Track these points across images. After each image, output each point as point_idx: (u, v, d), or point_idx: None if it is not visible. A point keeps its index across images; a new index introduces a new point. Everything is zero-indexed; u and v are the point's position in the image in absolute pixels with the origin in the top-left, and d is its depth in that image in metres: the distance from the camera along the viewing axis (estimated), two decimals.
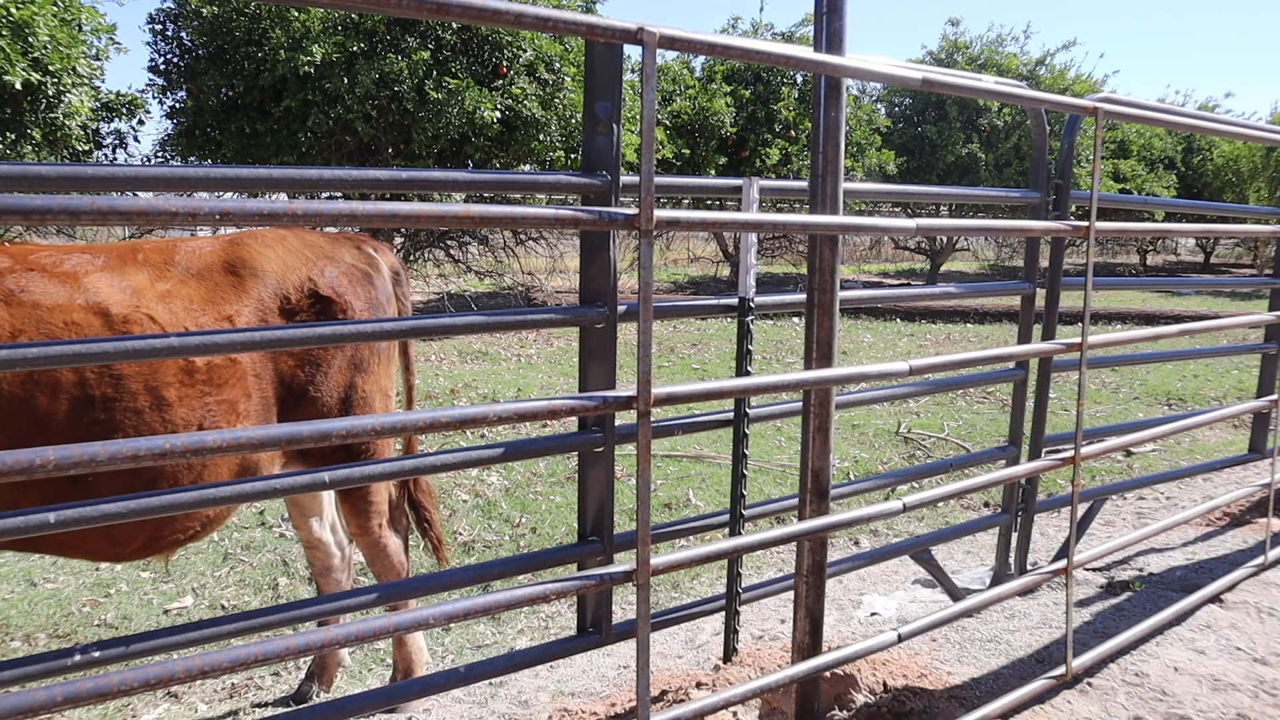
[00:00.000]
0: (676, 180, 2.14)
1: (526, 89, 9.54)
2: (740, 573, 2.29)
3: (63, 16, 7.97)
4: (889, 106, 16.79)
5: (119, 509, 1.42)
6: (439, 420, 1.43)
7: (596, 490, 1.91)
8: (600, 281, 1.79)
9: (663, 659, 2.85)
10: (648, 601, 1.52)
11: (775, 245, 17.97)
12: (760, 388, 1.70)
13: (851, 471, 5.36)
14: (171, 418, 2.24)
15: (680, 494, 4.86)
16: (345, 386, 2.59)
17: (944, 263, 19.47)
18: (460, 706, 2.64)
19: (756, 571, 3.84)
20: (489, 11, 1.25)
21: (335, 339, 1.55)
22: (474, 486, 4.89)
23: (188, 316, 2.30)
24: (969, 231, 2.11)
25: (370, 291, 2.67)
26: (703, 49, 1.46)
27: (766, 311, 2.23)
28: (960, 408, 7.10)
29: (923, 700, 2.26)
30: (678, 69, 13.76)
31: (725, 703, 1.73)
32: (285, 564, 3.95)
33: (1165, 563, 3.37)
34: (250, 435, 1.29)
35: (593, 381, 1.87)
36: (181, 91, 9.97)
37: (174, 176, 1.44)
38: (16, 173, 1.28)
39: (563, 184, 1.73)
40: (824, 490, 1.94)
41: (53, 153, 8.62)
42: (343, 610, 1.76)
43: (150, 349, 1.40)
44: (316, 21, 9.10)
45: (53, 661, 1.45)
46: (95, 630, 3.35)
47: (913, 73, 1.76)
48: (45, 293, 2.15)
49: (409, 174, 1.61)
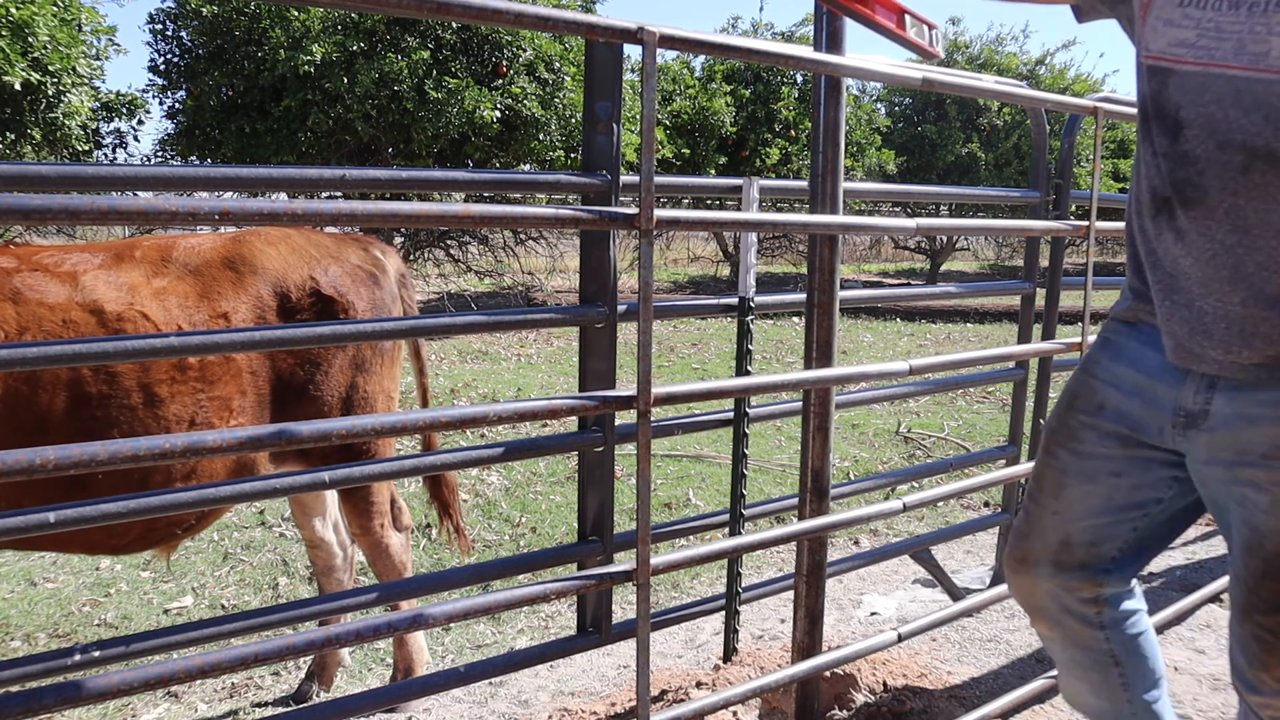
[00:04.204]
0: (676, 180, 2.14)
1: (526, 88, 9.54)
2: (740, 572, 2.29)
3: (63, 16, 7.97)
4: (889, 106, 16.78)
5: (119, 508, 1.42)
6: (439, 420, 1.44)
7: (596, 490, 1.91)
8: (600, 281, 1.78)
9: (663, 659, 2.85)
10: (648, 601, 1.52)
11: (775, 245, 17.97)
12: (760, 387, 1.70)
13: (851, 471, 5.36)
14: (164, 414, 2.24)
15: (680, 494, 4.86)
16: (346, 386, 2.59)
17: (944, 262, 19.48)
18: (460, 706, 2.64)
19: (756, 571, 3.84)
20: (489, 11, 1.25)
21: (335, 339, 1.55)
22: (474, 486, 4.89)
23: (181, 313, 2.30)
24: (969, 231, 2.12)
25: (374, 292, 2.67)
26: (703, 49, 1.46)
27: (766, 311, 2.23)
28: (960, 408, 7.10)
29: (923, 700, 2.26)
30: (678, 69, 13.76)
31: (725, 702, 1.73)
32: (285, 564, 3.95)
33: (1165, 562, 3.38)
34: (251, 435, 1.30)
35: (592, 381, 1.87)
36: (181, 91, 9.97)
37: (174, 176, 1.44)
38: (16, 173, 1.28)
39: (563, 183, 1.73)
40: (824, 490, 1.94)
41: (53, 153, 8.62)
42: (343, 610, 1.76)
43: (150, 349, 1.40)
44: (316, 21, 9.11)
45: (53, 661, 1.45)
46: (95, 630, 3.35)
47: (913, 72, 1.76)
48: (46, 291, 2.16)
49: (409, 174, 1.61)
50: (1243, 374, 1.27)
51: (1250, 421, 1.27)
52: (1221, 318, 1.26)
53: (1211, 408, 1.31)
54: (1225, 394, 1.29)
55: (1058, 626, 1.54)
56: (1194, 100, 1.23)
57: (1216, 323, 1.27)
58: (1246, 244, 1.22)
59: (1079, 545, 1.48)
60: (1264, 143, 1.17)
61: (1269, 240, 1.20)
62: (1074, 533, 1.48)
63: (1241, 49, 1.18)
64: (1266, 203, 1.19)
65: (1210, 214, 1.24)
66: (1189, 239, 1.27)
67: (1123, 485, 1.45)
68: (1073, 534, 1.48)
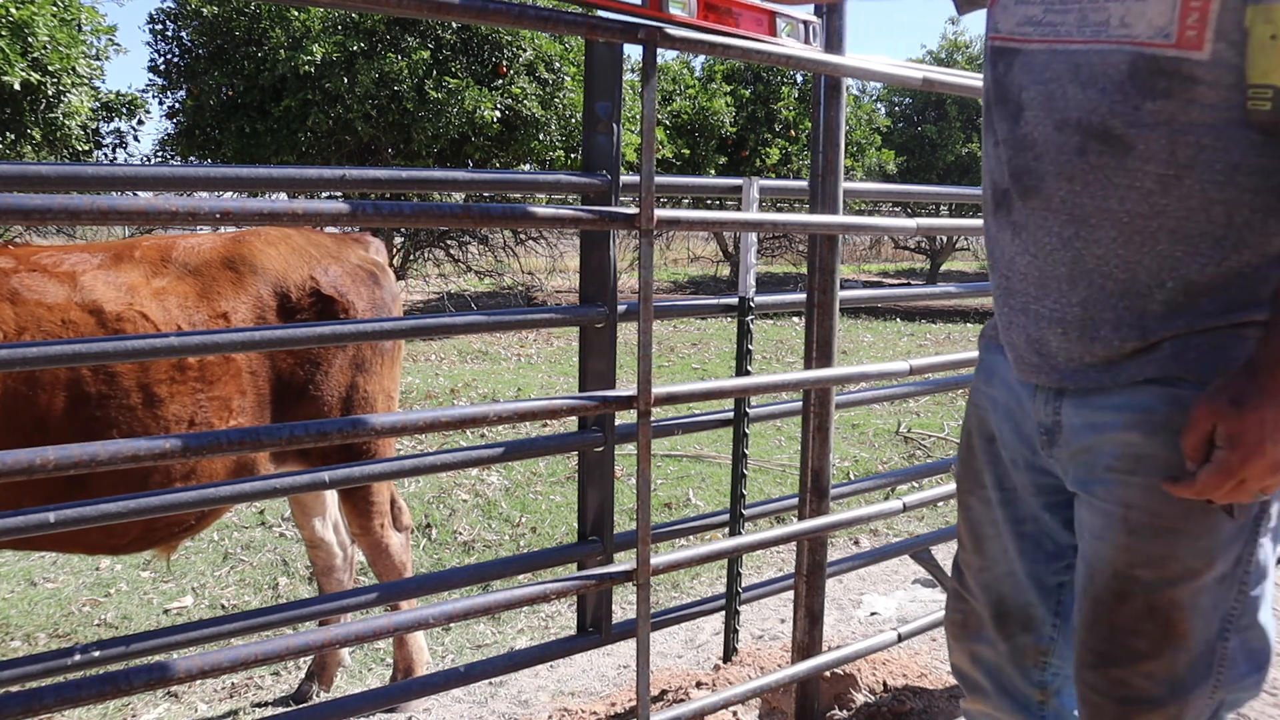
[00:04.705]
0: (676, 180, 2.14)
1: (526, 88, 9.53)
2: (740, 572, 2.29)
3: (62, 16, 7.97)
4: (889, 106, 16.78)
5: (118, 509, 1.42)
6: (439, 420, 1.44)
7: (596, 490, 1.91)
8: (600, 281, 1.78)
9: (663, 659, 2.85)
10: (648, 601, 1.53)
11: (775, 245, 17.97)
12: (760, 387, 1.70)
13: (851, 471, 5.36)
14: (163, 414, 2.23)
15: (680, 494, 4.86)
16: (346, 386, 2.59)
17: (944, 262, 19.48)
18: (460, 706, 2.64)
19: (756, 571, 3.84)
20: (489, 11, 1.25)
21: (335, 338, 1.55)
22: (474, 486, 4.89)
23: (181, 313, 2.30)
24: (969, 231, 2.12)
25: (375, 292, 2.67)
26: (703, 48, 1.46)
27: (766, 311, 2.23)
28: (960, 407, 7.10)
29: (923, 700, 2.26)
30: (678, 69, 13.76)
31: (725, 702, 1.73)
32: (285, 564, 3.95)
33: None
34: (251, 435, 1.30)
35: (593, 381, 1.87)
36: (181, 91, 9.97)
37: (174, 176, 1.44)
38: (16, 173, 1.28)
39: (563, 184, 1.73)
40: (824, 490, 1.94)
41: (53, 153, 8.62)
42: (343, 610, 1.76)
43: (150, 349, 1.40)
44: (316, 21, 9.11)
45: (53, 661, 1.45)
46: (95, 630, 3.35)
47: (913, 72, 1.76)
48: (45, 292, 2.15)
49: (409, 174, 1.61)
50: (1087, 380, 1.13)
51: (1098, 430, 1.12)
52: (1059, 322, 1.13)
53: (1062, 418, 1.16)
54: (1073, 402, 1.15)
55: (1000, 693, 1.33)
56: (1036, 79, 1.12)
57: (1053, 328, 1.14)
58: (1084, 235, 1.09)
59: (1015, 605, 1.28)
60: (1099, 119, 1.06)
61: (1107, 230, 1.08)
62: (1005, 591, 1.29)
63: (1084, 21, 1.08)
64: (1103, 188, 1.07)
65: (1047, 204, 1.12)
66: (1025, 234, 1.15)
67: (1030, 530, 1.27)
68: (1005, 593, 1.29)
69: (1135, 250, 1.07)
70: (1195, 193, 1.03)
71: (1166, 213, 1.05)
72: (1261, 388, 0.97)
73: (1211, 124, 1.02)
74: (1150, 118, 1.03)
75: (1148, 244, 1.06)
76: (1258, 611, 1.11)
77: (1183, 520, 1.05)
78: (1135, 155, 1.05)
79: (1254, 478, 0.98)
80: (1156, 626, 1.07)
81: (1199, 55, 1.00)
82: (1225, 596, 1.08)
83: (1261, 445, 0.97)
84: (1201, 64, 1.00)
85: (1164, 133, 1.03)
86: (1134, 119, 1.04)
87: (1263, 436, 0.97)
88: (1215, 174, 1.02)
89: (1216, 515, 1.04)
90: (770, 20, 1.58)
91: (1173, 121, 1.03)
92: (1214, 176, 1.03)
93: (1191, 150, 1.03)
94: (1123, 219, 1.07)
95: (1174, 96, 1.02)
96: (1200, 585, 1.06)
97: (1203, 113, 1.02)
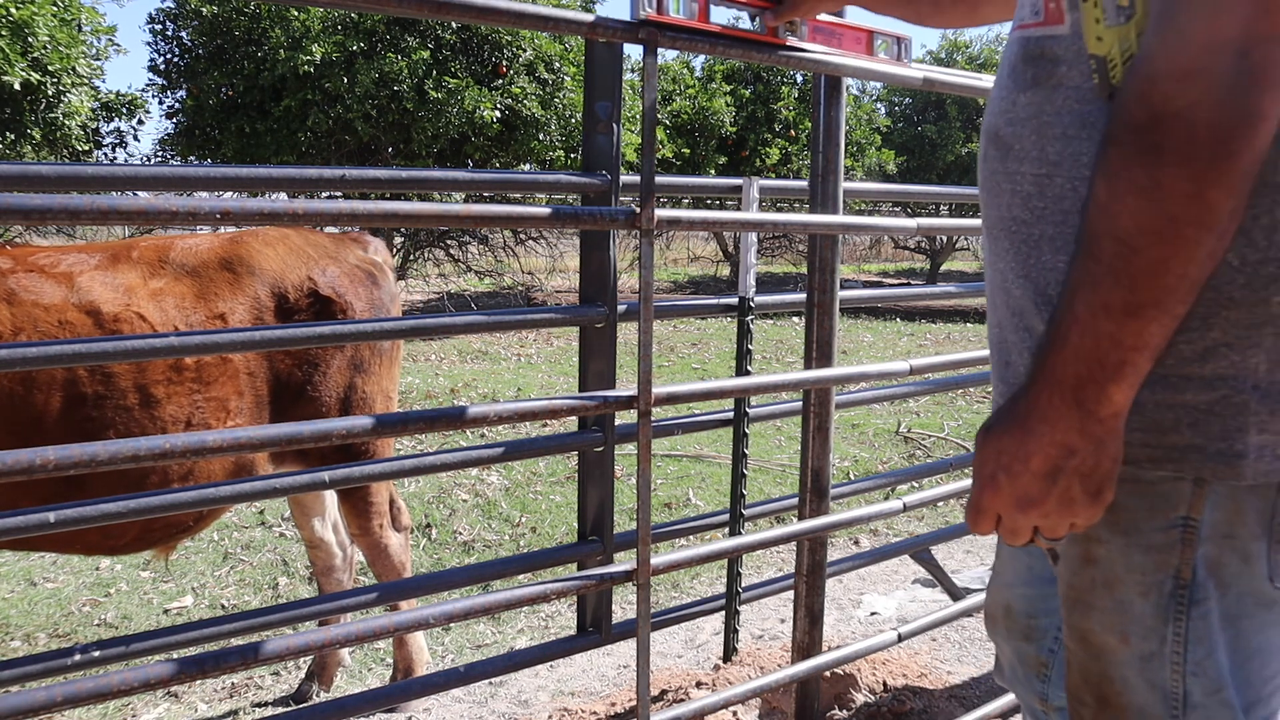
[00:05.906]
0: (676, 180, 2.13)
1: (526, 88, 9.54)
2: (740, 572, 2.29)
3: (62, 16, 7.98)
4: (889, 106, 16.79)
5: (118, 509, 1.42)
6: (439, 420, 1.43)
7: (596, 490, 1.91)
8: (600, 281, 1.78)
9: (663, 659, 2.85)
10: (648, 601, 1.52)
11: (775, 245, 17.97)
12: (760, 387, 1.70)
13: (851, 471, 5.36)
14: (160, 415, 2.23)
15: (680, 493, 4.86)
16: (345, 387, 2.59)
17: (944, 262, 19.48)
18: (460, 706, 2.64)
19: (756, 571, 3.84)
20: (489, 11, 1.25)
21: (333, 339, 1.55)
22: (474, 486, 4.89)
23: (178, 314, 2.29)
24: (969, 231, 2.12)
25: (373, 292, 2.67)
26: (703, 48, 1.46)
27: (766, 311, 2.23)
28: (960, 407, 7.10)
29: (923, 700, 2.26)
30: (678, 68, 13.77)
31: (725, 702, 1.73)
32: (285, 564, 3.95)
33: None
34: (251, 435, 1.29)
35: (593, 381, 1.87)
36: (181, 91, 9.98)
37: (174, 176, 1.44)
38: (16, 173, 1.27)
39: (563, 184, 1.73)
40: (824, 490, 1.94)
41: (53, 153, 8.62)
42: (343, 610, 1.75)
43: (147, 349, 1.40)
44: (316, 21, 9.11)
45: (53, 661, 1.44)
46: (95, 630, 3.35)
47: (913, 72, 1.76)
48: (42, 292, 2.15)
49: (409, 174, 1.61)
50: None
51: None
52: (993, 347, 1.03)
53: None
54: None
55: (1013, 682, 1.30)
56: None
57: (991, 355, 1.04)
58: (992, 248, 1.01)
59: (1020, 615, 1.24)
60: (992, 120, 0.98)
61: (1002, 242, 0.98)
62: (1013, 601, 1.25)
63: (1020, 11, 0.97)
64: (997, 195, 0.98)
65: (985, 221, 1.03)
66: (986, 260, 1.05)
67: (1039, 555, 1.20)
68: (1012, 602, 1.25)
69: (1023, 262, 0.96)
70: (1067, 193, 0.91)
71: (1045, 218, 0.93)
72: (1009, 412, 0.86)
73: (1075, 112, 0.90)
74: (1024, 111, 0.94)
75: (1033, 254, 0.94)
76: (1220, 695, 0.91)
77: (1089, 592, 0.94)
78: (1013, 156, 0.96)
79: (1005, 514, 0.86)
80: (1093, 697, 0.98)
81: (1060, 30, 0.90)
82: (1159, 677, 0.92)
83: (995, 478, 0.85)
84: (1063, 39, 0.90)
85: (1034, 127, 0.93)
86: (1012, 115, 0.96)
87: (996, 469, 0.85)
88: (1082, 169, 0.89)
89: (1123, 589, 0.91)
90: (869, 39, 1.59)
91: (1041, 114, 0.93)
92: (1081, 172, 0.90)
93: (1059, 144, 0.91)
94: (1012, 228, 0.97)
95: (1040, 85, 0.92)
96: (1121, 660, 0.93)
97: (1066, 99, 0.91)
